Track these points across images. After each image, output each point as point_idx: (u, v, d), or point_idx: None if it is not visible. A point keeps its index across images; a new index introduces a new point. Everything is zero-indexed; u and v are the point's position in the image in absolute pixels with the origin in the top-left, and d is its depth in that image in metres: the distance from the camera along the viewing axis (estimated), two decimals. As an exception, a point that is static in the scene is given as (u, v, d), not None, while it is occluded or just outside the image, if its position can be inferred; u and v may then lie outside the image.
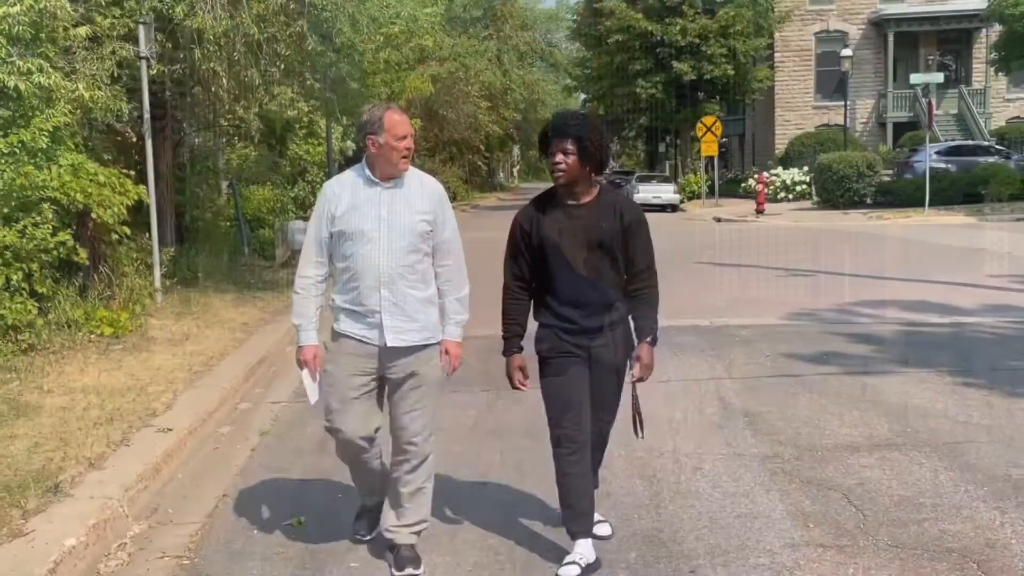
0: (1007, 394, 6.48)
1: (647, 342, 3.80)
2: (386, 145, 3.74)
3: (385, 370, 3.84)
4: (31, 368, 7.21)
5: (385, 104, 3.94)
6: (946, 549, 3.94)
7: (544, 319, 3.88)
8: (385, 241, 3.76)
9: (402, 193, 3.82)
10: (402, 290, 3.79)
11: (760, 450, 5.38)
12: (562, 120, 3.79)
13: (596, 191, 3.83)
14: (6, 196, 7.91)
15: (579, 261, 3.76)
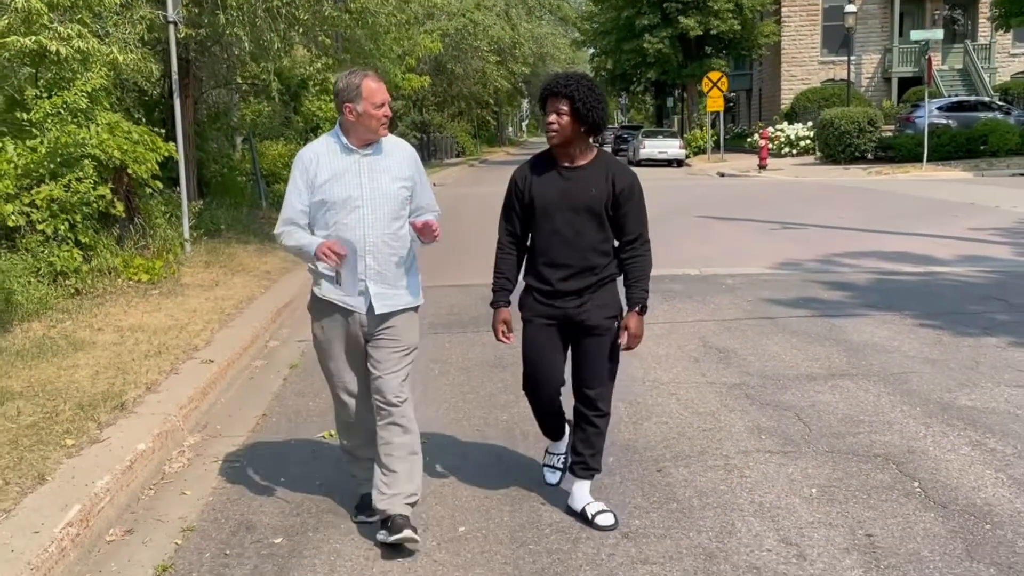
0: (958, 333, 7.21)
1: (636, 311, 3.82)
2: (365, 113, 3.71)
3: (367, 334, 3.87)
4: (80, 310, 7.99)
5: (362, 71, 3.84)
6: (873, 454, 4.70)
7: (528, 279, 3.95)
8: (368, 209, 3.76)
9: (381, 159, 3.82)
10: (386, 257, 3.81)
11: (729, 379, 6.13)
12: (557, 81, 3.77)
13: (592, 155, 3.85)
14: (52, 153, 8.64)
15: (564, 223, 3.79)
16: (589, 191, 3.77)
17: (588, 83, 3.77)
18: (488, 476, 4.57)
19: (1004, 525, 3.85)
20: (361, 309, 3.81)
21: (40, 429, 4.96)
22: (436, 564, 3.68)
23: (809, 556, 3.64)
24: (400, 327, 3.87)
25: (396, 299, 3.85)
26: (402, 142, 4.04)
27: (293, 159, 4.00)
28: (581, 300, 3.82)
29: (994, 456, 4.62)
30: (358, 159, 3.78)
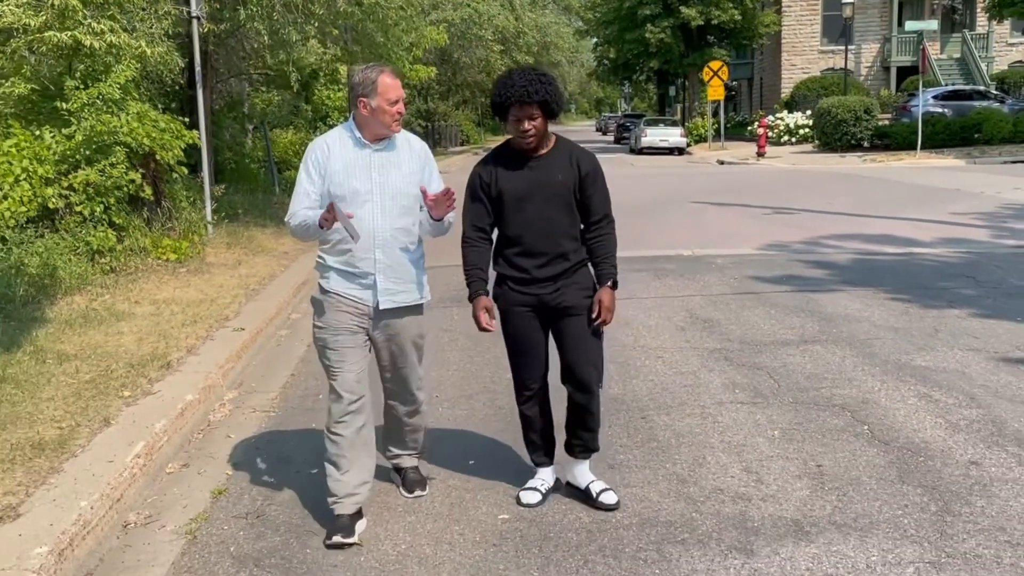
0: (924, 306, 7.86)
1: (608, 286, 3.89)
2: (379, 108, 3.72)
3: (375, 328, 3.91)
4: (116, 285, 8.67)
5: (379, 66, 3.83)
6: (832, 404, 5.36)
7: (500, 269, 3.97)
8: (379, 203, 3.77)
9: (392, 155, 3.84)
10: (396, 252, 3.83)
11: (711, 345, 6.79)
12: (523, 88, 3.68)
13: (552, 141, 3.90)
14: (87, 140, 9.28)
15: (535, 213, 3.83)
16: (556, 177, 3.82)
17: (550, 78, 3.76)
18: (493, 423, 5.23)
19: (935, 457, 4.50)
20: (369, 302, 3.84)
21: (98, 384, 5.63)
22: (450, 488, 4.34)
23: (766, 480, 4.30)
24: (406, 321, 3.94)
25: (403, 295, 3.88)
26: (414, 137, 4.04)
27: (304, 147, 4.38)
28: (556, 285, 3.87)
29: (937, 405, 5.27)
30: (370, 154, 3.80)
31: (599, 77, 58.29)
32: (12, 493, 4.04)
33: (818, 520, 3.87)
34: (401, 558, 3.66)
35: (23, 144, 9.06)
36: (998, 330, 6.96)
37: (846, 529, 3.77)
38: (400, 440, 4.25)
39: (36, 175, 8.91)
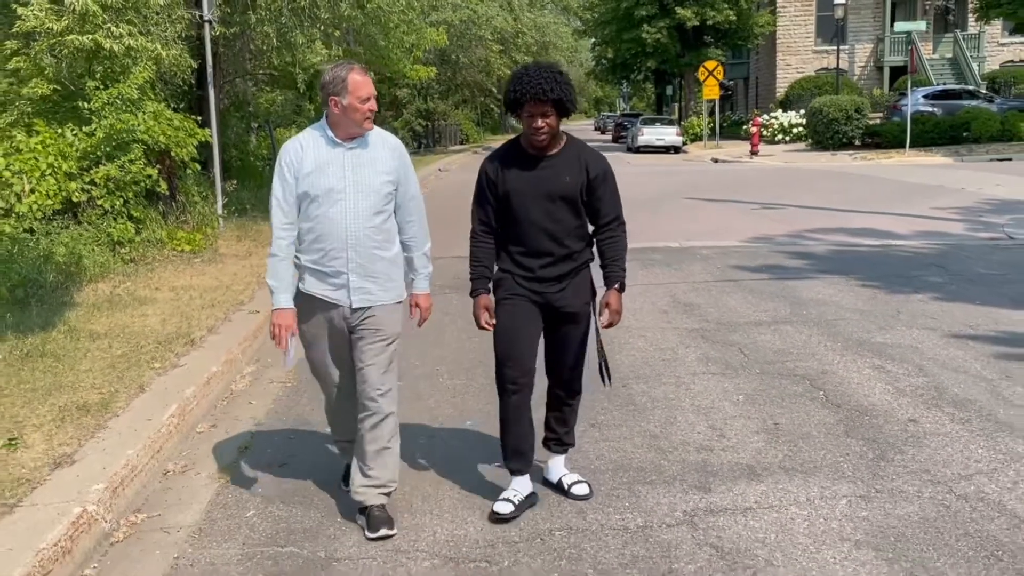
0: (891, 292, 8.43)
1: (615, 289, 3.89)
2: (350, 107, 3.68)
3: (351, 327, 3.89)
4: (136, 273, 9.24)
5: (348, 64, 3.80)
6: (793, 374, 5.93)
7: (504, 265, 3.95)
8: (351, 202, 3.74)
9: (366, 153, 3.80)
10: (369, 251, 3.79)
11: (690, 325, 7.36)
12: (539, 86, 3.64)
13: (563, 141, 3.87)
14: (107, 138, 9.86)
15: (542, 213, 3.81)
16: (563, 179, 3.80)
17: (564, 77, 3.73)
18: (488, 392, 5.80)
19: (878, 416, 5.08)
20: (344, 303, 3.83)
21: (130, 358, 6.21)
22: (448, 448, 4.92)
23: (728, 435, 4.87)
24: (381, 317, 3.87)
25: (377, 294, 3.85)
26: (388, 135, 4.00)
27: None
28: (562, 286, 3.87)
29: (888, 375, 5.85)
30: (343, 152, 3.76)
31: (597, 77, 58.82)
32: (66, 444, 4.62)
33: (769, 465, 4.44)
34: (407, 496, 4.24)
35: (48, 141, 9.64)
36: (955, 312, 7.53)
37: (792, 472, 4.35)
38: (364, 462, 3.91)
39: (60, 170, 9.48)
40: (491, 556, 3.64)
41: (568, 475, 4.17)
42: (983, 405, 5.21)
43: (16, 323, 6.99)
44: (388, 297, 3.89)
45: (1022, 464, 4.36)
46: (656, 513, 3.97)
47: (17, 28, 10.28)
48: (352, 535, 3.88)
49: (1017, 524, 3.74)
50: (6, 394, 5.42)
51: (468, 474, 4.49)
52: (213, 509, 4.22)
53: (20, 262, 8.15)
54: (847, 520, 3.83)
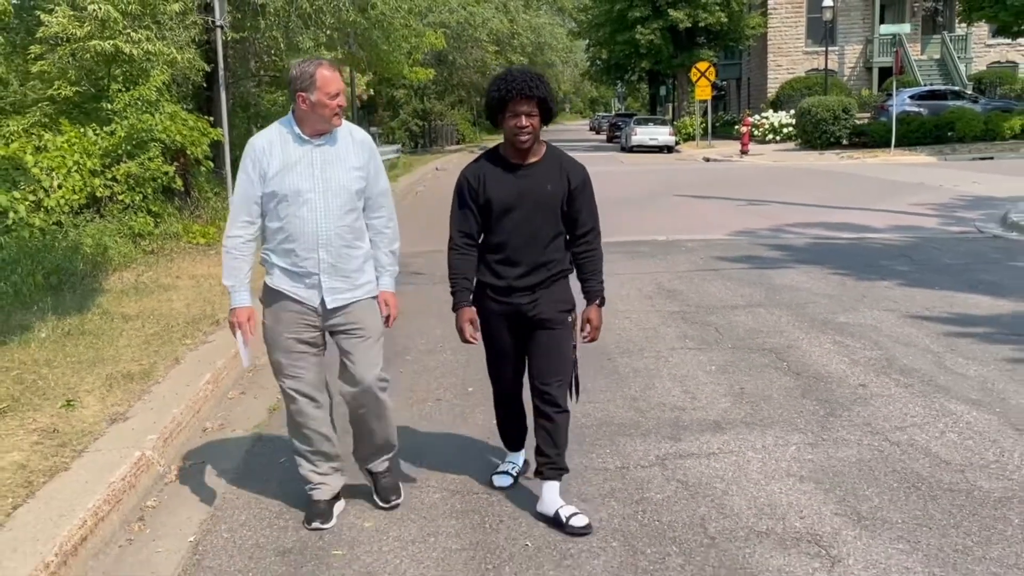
0: (859, 279, 9.10)
1: (596, 304, 3.89)
2: (318, 103, 3.62)
3: (327, 326, 3.84)
4: (157, 263, 9.88)
5: (316, 60, 3.73)
6: (762, 349, 6.60)
7: (481, 277, 3.90)
8: (322, 202, 3.68)
9: (334, 150, 3.74)
10: (340, 250, 3.74)
11: (671, 308, 8.02)
12: (524, 83, 3.65)
13: (543, 150, 3.84)
14: (128, 137, 10.50)
15: (522, 221, 3.77)
16: (545, 187, 3.77)
17: (544, 78, 3.76)
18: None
19: (832, 381, 5.75)
20: (314, 302, 3.77)
21: (162, 335, 6.86)
22: (452, 407, 5.57)
23: (699, 398, 5.53)
24: (360, 314, 3.83)
25: (349, 292, 3.80)
26: (356, 130, 3.93)
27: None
28: (534, 296, 3.82)
29: (846, 349, 6.51)
30: (311, 150, 3.70)
31: (592, 77, 59.51)
32: (118, 405, 5.27)
33: (733, 421, 5.11)
34: (418, 447, 4.89)
35: (73, 140, 10.28)
36: (916, 296, 8.20)
37: (752, 425, 5.01)
38: (368, 446, 4.12)
39: (85, 168, 10.13)
40: (489, 490, 4.29)
41: (565, 507, 3.88)
42: (926, 372, 5.88)
43: (54, 306, 7.63)
44: (362, 293, 3.84)
45: (951, 419, 5.02)
46: (632, 457, 4.63)
47: (41, 33, 10.91)
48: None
49: (938, 463, 4.41)
50: (55, 365, 6.06)
51: (470, 429, 5.14)
52: (250, 457, 4.87)
53: (52, 252, 8.79)
54: (794, 461, 4.49)
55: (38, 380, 5.73)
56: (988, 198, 16.04)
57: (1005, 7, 25.61)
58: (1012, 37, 28.85)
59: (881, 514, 3.89)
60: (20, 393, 5.47)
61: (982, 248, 11.00)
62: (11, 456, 4.47)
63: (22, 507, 3.90)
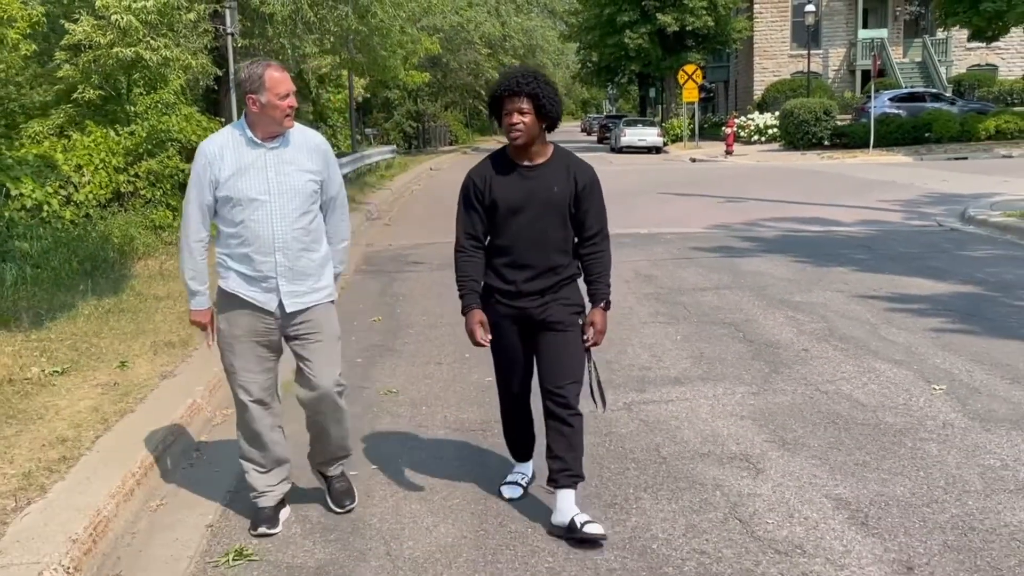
0: (819, 265, 10.02)
1: (601, 307, 3.82)
2: (268, 104, 3.58)
3: (284, 330, 3.80)
4: (175, 254, 10.70)
5: (265, 61, 3.69)
6: (723, 322, 7.50)
7: (489, 280, 3.85)
8: (276, 205, 3.64)
9: (288, 153, 3.70)
10: (297, 253, 3.71)
11: (647, 291, 8.93)
12: (515, 79, 3.65)
13: (550, 151, 3.78)
14: (149, 137, 11.37)
15: (529, 224, 3.72)
16: (552, 189, 3.72)
17: (545, 78, 3.72)
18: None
19: (780, 347, 6.66)
20: (271, 307, 3.73)
21: (193, 312, 7.73)
22: (452, 368, 6.46)
23: (663, 360, 6.44)
24: (318, 319, 3.80)
25: (308, 296, 3.77)
26: (310, 132, 3.92)
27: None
28: (543, 300, 3.77)
29: (797, 322, 7.42)
30: (264, 153, 3.66)
31: (583, 80, 60.47)
32: (165, 366, 6.15)
33: (691, 377, 6.01)
34: (423, 396, 5.79)
35: (99, 140, 11.14)
36: (867, 280, 9.12)
37: (707, 379, 5.92)
38: (324, 451, 4.09)
39: (110, 165, 10.99)
40: (485, 428, 5.19)
41: (580, 514, 3.75)
42: (861, 339, 6.80)
43: (91, 289, 8.50)
44: (320, 297, 3.82)
45: (874, 374, 5.93)
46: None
47: (66, 41, 11.77)
48: (384, 418, 5.42)
49: (855, 405, 5.32)
50: (103, 336, 6.94)
51: (467, 385, 6.04)
52: (284, 409, 5.74)
53: (85, 242, 9.66)
54: (738, 406, 5.40)
55: (91, 347, 6.61)
56: (954, 195, 16.97)
57: (978, 12, 26.62)
58: (986, 41, 29.86)
59: (802, 440, 4.80)
60: (77, 357, 6.35)
61: (937, 240, 11.93)
62: (84, 402, 5.36)
63: (102, 437, 4.78)
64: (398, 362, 6.68)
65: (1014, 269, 9.55)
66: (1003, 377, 5.77)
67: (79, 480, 4.18)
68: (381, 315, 8.27)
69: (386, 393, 5.90)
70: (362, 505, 4.18)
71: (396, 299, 9.01)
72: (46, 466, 4.34)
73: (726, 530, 3.82)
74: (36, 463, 4.38)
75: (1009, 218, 12.76)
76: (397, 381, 6.17)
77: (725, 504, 4.07)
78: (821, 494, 4.12)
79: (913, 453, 4.57)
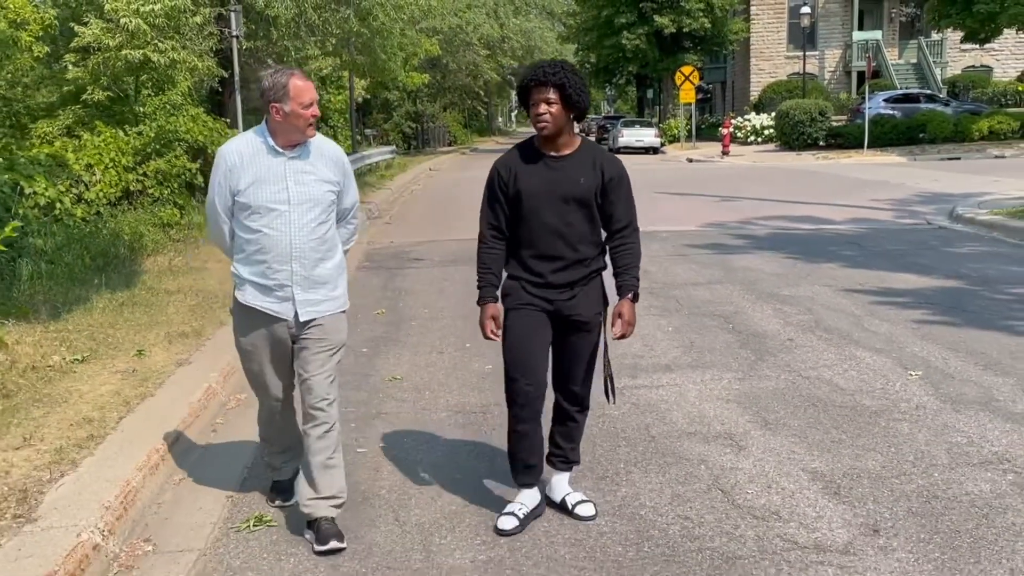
0: (808, 261, 10.33)
1: (629, 298, 3.77)
2: (292, 113, 3.58)
3: (295, 338, 3.81)
4: (185, 250, 11.06)
5: (289, 70, 3.70)
6: (713, 314, 7.81)
7: (513, 271, 3.81)
8: (295, 215, 3.66)
9: (308, 163, 3.71)
10: (313, 262, 3.72)
11: (641, 285, 9.20)
12: (542, 69, 3.65)
13: (577, 143, 3.77)
14: (157, 137, 11.67)
15: (554, 215, 3.68)
16: (578, 181, 3.69)
17: (573, 68, 3.70)
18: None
19: (767, 338, 6.97)
20: (288, 316, 3.74)
21: (203, 306, 8.05)
22: (453, 357, 6.77)
23: (655, 349, 6.75)
24: (328, 327, 3.80)
25: (323, 305, 3.78)
26: (330, 143, 3.92)
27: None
28: (573, 293, 3.74)
29: (784, 315, 7.73)
30: (284, 162, 3.66)
31: (581, 80, 60.69)
32: (180, 354, 6.46)
33: (681, 364, 6.32)
34: (426, 382, 6.09)
35: (108, 139, 11.45)
36: (854, 275, 9.43)
37: (696, 367, 6.23)
38: (311, 476, 3.82)
39: (119, 164, 11.30)
40: (485, 411, 5.49)
41: (572, 494, 3.98)
42: (845, 330, 7.11)
43: (104, 284, 8.80)
44: (334, 306, 3.83)
45: (855, 361, 6.24)
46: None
47: (75, 43, 12.09)
48: (389, 402, 5.73)
49: (835, 390, 5.63)
50: (119, 327, 7.25)
51: (468, 372, 6.35)
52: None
53: (96, 238, 9.96)
54: (724, 391, 5.71)
55: (107, 337, 6.92)
56: (944, 194, 17.28)
57: (971, 14, 26.95)
58: (979, 43, 30.19)
59: (783, 421, 5.11)
60: (96, 346, 6.65)
61: (925, 237, 12.24)
62: (106, 387, 5.67)
63: (126, 418, 5.09)
64: (402, 351, 6.99)
65: (997, 265, 9.87)
66: (976, 364, 6.08)
67: (107, 455, 4.49)
68: (384, 308, 8.58)
69: (391, 380, 6.21)
70: (371, 479, 4.49)
71: (398, 293, 9.33)
72: (75, 443, 4.65)
73: (708, 499, 4.13)
74: (66, 440, 4.69)
75: (996, 216, 13.08)
76: (401, 369, 6.48)
77: (708, 476, 4.38)
78: (798, 468, 4.44)
79: (886, 432, 4.89)
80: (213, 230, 3.91)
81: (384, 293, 9.37)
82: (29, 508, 3.89)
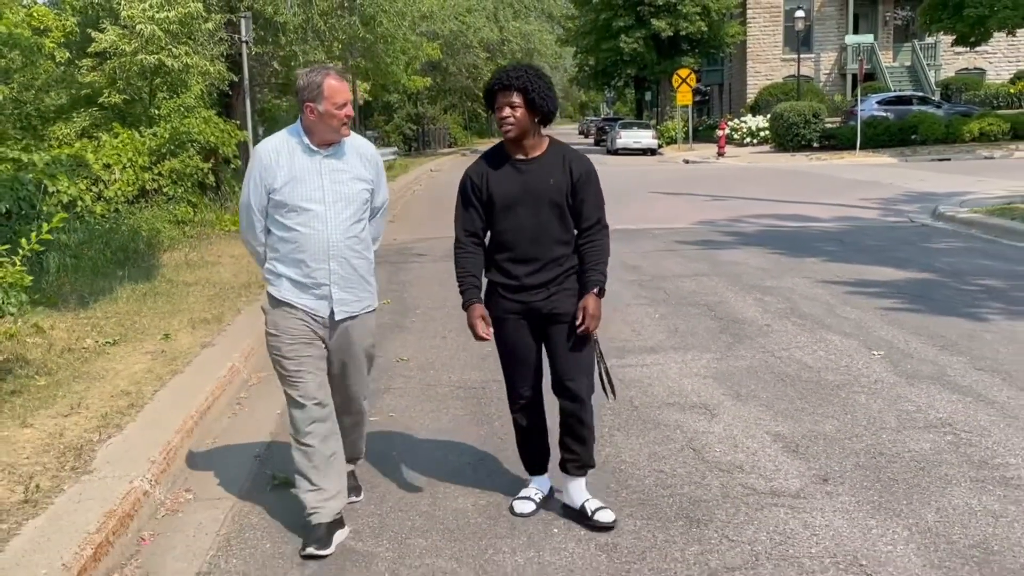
0: (793, 256, 10.88)
1: (594, 293, 3.78)
2: (326, 113, 3.61)
3: (329, 338, 3.83)
4: (199, 246, 11.61)
5: (324, 69, 3.72)
6: (698, 304, 8.36)
7: (492, 276, 3.87)
8: (332, 213, 3.68)
9: (343, 161, 3.75)
10: (350, 261, 3.75)
11: (630, 278, 9.79)
12: (505, 74, 3.70)
13: (545, 145, 3.81)
14: (171, 138, 12.23)
15: (527, 217, 3.73)
16: (548, 181, 3.73)
17: (537, 72, 3.73)
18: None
19: (746, 323, 7.52)
20: (324, 313, 3.75)
21: (221, 296, 8.60)
22: (456, 341, 7.32)
23: (642, 335, 7.30)
24: (359, 326, 3.88)
25: (357, 304, 3.83)
26: (364, 142, 3.96)
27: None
28: (548, 292, 3.79)
29: (765, 304, 8.28)
30: (319, 160, 3.69)
31: (580, 83, 61.34)
32: (203, 338, 7.01)
33: (665, 347, 6.88)
34: (431, 362, 6.64)
35: (126, 140, 12.00)
36: (833, 269, 9.98)
37: (678, 349, 6.78)
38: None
39: (136, 164, 11.85)
40: (485, 386, 6.03)
41: (591, 500, 3.95)
42: (818, 317, 7.66)
43: (126, 276, 9.36)
44: (365, 305, 3.89)
45: (824, 343, 6.79)
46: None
47: (92, 48, 12.64)
48: (397, 380, 6.28)
49: (803, 367, 6.18)
50: (143, 315, 7.80)
51: (470, 353, 6.89)
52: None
53: (116, 234, 10.52)
54: (703, 368, 6.26)
55: (134, 324, 7.47)
56: (930, 194, 17.83)
57: (961, 18, 27.51)
58: (970, 47, 30.74)
59: (753, 393, 5.66)
60: (124, 332, 7.20)
61: (906, 234, 12.79)
62: (138, 366, 6.22)
63: (160, 391, 5.64)
64: (407, 336, 7.54)
65: (969, 259, 10.42)
66: (934, 345, 6.63)
67: (148, 421, 5.04)
68: (390, 299, 9.13)
69: (398, 361, 6.76)
70: (383, 444, 5.03)
71: (403, 286, 9.88)
72: (118, 411, 5.21)
73: (681, 457, 4.68)
74: (110, 408, 5.24)
75: (975, 214, 13.64)
76: (407, 351, 7.03)
77: (682, 439, 4.93)
78: (763, 431, 4.99)
79: (844, 402, 5.44)
80: (246, 229, 3.87)
81: (389, 286, 9.91)
82: (84, 462, 4.44)
